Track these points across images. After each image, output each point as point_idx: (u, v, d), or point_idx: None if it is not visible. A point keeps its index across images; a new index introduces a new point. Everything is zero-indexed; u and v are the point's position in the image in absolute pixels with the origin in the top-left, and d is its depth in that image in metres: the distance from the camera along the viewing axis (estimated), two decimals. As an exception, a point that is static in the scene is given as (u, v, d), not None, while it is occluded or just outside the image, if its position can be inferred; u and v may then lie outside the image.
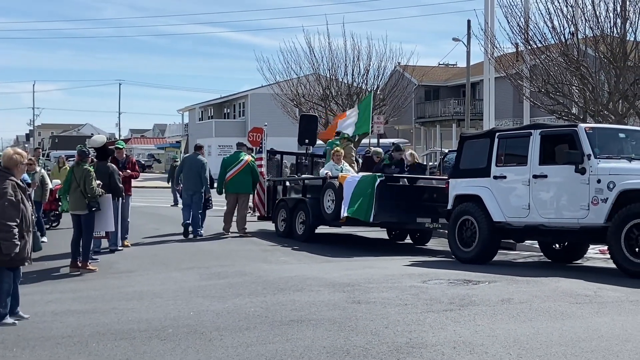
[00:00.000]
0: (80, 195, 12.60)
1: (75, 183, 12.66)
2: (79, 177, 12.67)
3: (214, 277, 11.65)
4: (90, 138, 18.76)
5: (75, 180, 12.69)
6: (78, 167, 12.88)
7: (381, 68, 33.83)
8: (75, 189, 12.67)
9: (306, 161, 21.62)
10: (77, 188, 12.63)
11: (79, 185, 12.61)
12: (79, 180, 12.63)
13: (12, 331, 7.95)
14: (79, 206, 12.65)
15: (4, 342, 7.53)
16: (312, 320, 8.21)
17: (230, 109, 65.27)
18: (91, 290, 10.69)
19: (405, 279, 10.83)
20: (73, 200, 12.76)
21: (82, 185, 12.55)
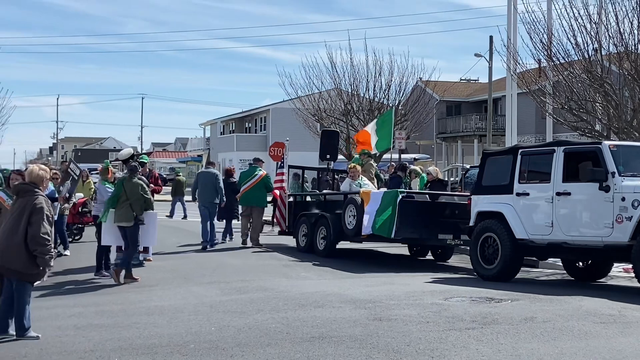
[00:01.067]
0: (128, 208, 12.89)
1: (125, 196, 12.93)
2: (129, 191, 12.95)
3: (235, 292, 11.65)
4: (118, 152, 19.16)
5: (125, 194, 12.94)
6: (129, 181, 13.13)
7: (403, 83, 33.82)
8: (123, 202, 12.94)
9: (327, 176, 21.64)
10: (125, 201, 12.93)
11: (127, 199, 12.91)
12: (129, 193, 12.91)
13: (35, 345, 7.98)
14: (126, 218, 12.93)
15: (27, 355, 7.56)
16: (334, 337, 8.18)
17: (252, 123, 65.48)
18: (113, 304, 10.72)
19: (426, 296, 10.77)
20: (120, 213, 12.97)
21: (134, 198, 12.88)
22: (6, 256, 8.28)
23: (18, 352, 7.73)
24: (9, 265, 8.30)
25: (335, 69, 33.35)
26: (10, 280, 8.41)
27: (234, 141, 61.34)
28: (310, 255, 16.65)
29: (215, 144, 68.47)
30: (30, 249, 8.19)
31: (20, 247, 8.20)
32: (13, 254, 8.24)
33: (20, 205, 8.37)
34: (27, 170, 9.03)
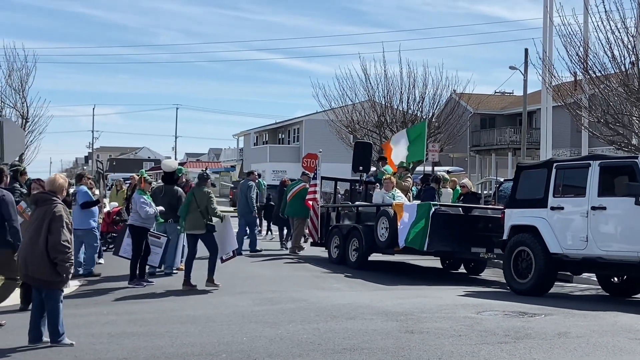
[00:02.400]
0: (199, 216, 13.24)
1: (195, 204, 13.27)
2: (199, 199, 13.28)
3: (267, 302, 11.68)
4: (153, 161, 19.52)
5: (195, 202, 13.27)
6: (199, 189, 13.52)
7: (437, 96, 33.73)
8: (194, 210, 13.28)
9: (360, 188, 21.62)
10: (196, 209, 13.28)
11: (198, 207, 13.26)
12: (199, 201, 13.24)
13: (69, 352, 8.07)
14: (197, 226, 13.30)
15: None
16: (365, 349, 8.17)
17: (285, 134, 65.72)
18: (146, 313, 10.81)
19: (459, 310, 10.71)
20: (191, 220, 13.33)
21: (203, 206, 13.23)
22: (30, 266, 8.39)
23: (52, 359, 7.82)
24: (33, 275, 8.40)
25: (369, 80, 33.42)
26: (37, 289, 8.54)
27: (267, 152, 61.61)
28: (342, 266, 16.64)
29: (249, 154, 68.80)
30: (50, 257, 8.25)
31: (42, 256, 8.28)
32: (36, 264, 8.32)
33: (39, 214, 8.44)
34: (48, 179, 9.07)
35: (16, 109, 21.49)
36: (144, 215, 13.75)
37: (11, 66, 21.30)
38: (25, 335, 8.49)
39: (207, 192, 13.52)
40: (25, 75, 21.34)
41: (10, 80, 21.27)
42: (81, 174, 16.23)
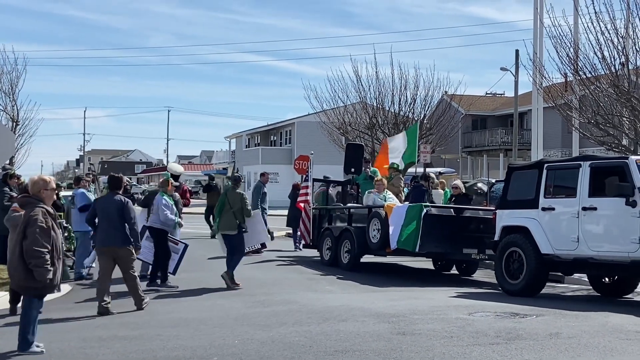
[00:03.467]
0: (232, 217, 13.73)
1: (228, 206, 13.78)
2: (232, 200, 13.81)
3: (259, 305, 11.67)
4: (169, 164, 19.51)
5: (228, 203, 13.77)
6: (232, 191, 14.04)
7: (428, 97, 33.69)
8: (227, 211, 13.77)
9: (352, 190, 21.61)
10: (229, 210, 13.77)
11: (231, 208, 13.76)
12: (232, 203, 13.75)
13: (60, 356, 8.03)
14: (231, 227, 13.78)
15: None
16: (357, 351, 8.17)
17: (277, 136, 65.69)
18: (138, 316, 10.78)
19: (451, 311, 10.72)
20: (225, 221, 13.81)
21: (237, 207, 13.75)
22: (10, 271, 8.40)
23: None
24: (12, 279, 8.41)
25: (360, 82, 33.36)
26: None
27: (259, 154, 61.55)
28: (335, 268, 16.64)
29: (241, 156, 68.74)
30: (26, 262, 8.05)
31: (18, 261, 8.12)
32: (13, 268, 8.26)
33: (23, 219, 8.32)
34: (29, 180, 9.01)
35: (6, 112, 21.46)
36: (163, 218, 13.77)
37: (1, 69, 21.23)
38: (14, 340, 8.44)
39: (240, 193, 14.03)
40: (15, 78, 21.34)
41: (0, 83, 21.16)
42: (79, 176, 16.31)
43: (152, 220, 14.04)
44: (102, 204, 11.48)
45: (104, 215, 11.24)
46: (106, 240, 11.19)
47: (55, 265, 8.18)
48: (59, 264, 8.28)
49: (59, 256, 8.31)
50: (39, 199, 8.30)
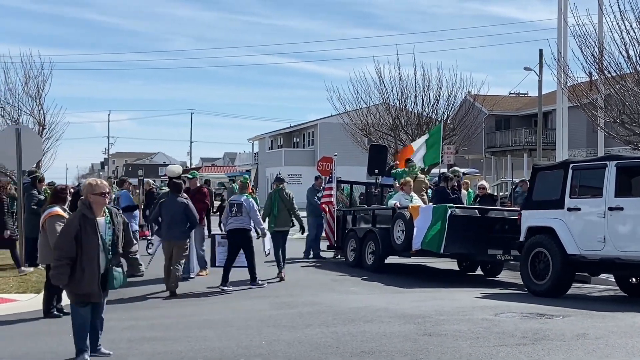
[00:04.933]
0: (287, 214, 15.31)
1: (282, 204, 15.24)
2: (285, 199, 15.29)
3: (284, 306, 11.72)
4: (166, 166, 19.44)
5: (282, 202, 15.21)
6: (283, 191, 15.38)
7: (451, 97, 33.62)
8: (282, 209, 15.24)
9: (376, 191, 21.64)
10: (284, 208, 15.27)
11: (285, 206, 15.26)
12: (286, 202, 15.27)
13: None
14: (287, 223, 15.38)
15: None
16: (383, 352, 8.19)
17: (300, 138, 65.78)
18: (165, 318, 10.87)
19: (476, 312, 10.71)
20: (282, 219, 15.28)
21: (290, 205, 15.31)
22: None
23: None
24: None
25: (383, 83, 33.34)
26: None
27: (282, 156, 61.68)
28: (359, 269, 16.66)
29: (264, 158, 68.89)
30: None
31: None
32: None
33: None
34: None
35: (33, 116, 21.63)
36: (257, 221, 14.23)
37: (27, 74, 21.42)
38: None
39: (289, 193, 15.50)
40: (41, 82, 21.50)
41: (27, 87, 21.42)
42: (123, 179, 16.77)
43: (237, 222, 14.09)
44: (167, 204, 13.58)
45: (168, 214, 13.43)
46: (168, 234, 13.44)
47: (86, 272, 7.69)
48: (90, 271, 7.72)
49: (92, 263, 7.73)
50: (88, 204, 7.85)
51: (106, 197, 7.91)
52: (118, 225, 8.02)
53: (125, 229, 8.19)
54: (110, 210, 8.05)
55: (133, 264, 8.35)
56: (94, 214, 7.79)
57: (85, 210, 7.80)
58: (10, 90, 21.49)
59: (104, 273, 7.89)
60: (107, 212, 7.97)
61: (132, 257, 8.31)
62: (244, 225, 14.08)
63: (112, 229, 7.93)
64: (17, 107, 21.53)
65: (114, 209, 8.14)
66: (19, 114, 21.51)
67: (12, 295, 12.97)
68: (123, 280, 8.12)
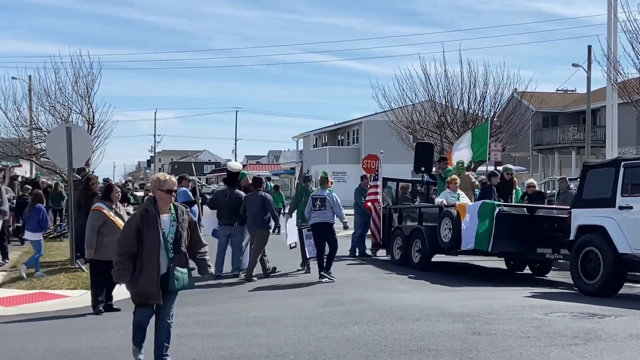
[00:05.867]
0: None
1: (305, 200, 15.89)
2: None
3: (332, 304, 11.71)
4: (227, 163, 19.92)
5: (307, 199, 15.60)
6: (308, 188, 16.20)
7: (498, 95, 33.28)
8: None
9: (422, 189, 21.52)
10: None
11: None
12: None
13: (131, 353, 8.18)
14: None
15: (133, 363, 7.78)
16: (432, 350, 8.14)
17: (344, 135, 65.76)
18: (213, 314, 10.94)
19: (526, 311, 10.59)
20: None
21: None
22: None
23: (123, 359, 7.97)
24: None
25: (429, 80, 33.13)
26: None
27: (326, 154, 61.74)
28: (405, 268, 16.59)
29: (308, 156, 69.03)
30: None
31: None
32: None
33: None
34: None
35: (82, 115, 21.88)
36: (341, 215, 14.87)
37: (77, 73, 21.68)
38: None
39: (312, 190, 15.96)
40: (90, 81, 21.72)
41: (77, 86, 21.67)
42: (182, 176, 17.34)
43: (321, 216, 14.78)
44: (250, 199, 15.08)
45: (252, 207, 14.92)
46: (252, 225, 14.97)
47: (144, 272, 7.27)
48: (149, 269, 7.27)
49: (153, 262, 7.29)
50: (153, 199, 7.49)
51: (172, 195, 7.48)
52: (183, 223, 7.49)
53: (192, 227, 7.64)
54: (176, 207, 7.57)
55: (201, 265, 7.66)
56: (158, 210, 7.38)
57: (148, 206, 7.43)
58: (61, 90, 21.76)
59: (166, 273, 7.36)
60: (173, 208, 7.50)
61: (200, 258, 7.65)
62: (327, 219, 14.80)
63: (176, 226, 7.43)
64: (67, 106, 21.81)
65: (181, 207, 7.65)
66: (68, 113, 21.78)
67: (63, 292, 13.20)
68: (188, 282, 7.49)
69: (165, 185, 7.45)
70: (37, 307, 11.93)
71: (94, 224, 11.02)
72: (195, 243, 7.65)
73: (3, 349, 8.62)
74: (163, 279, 7.31)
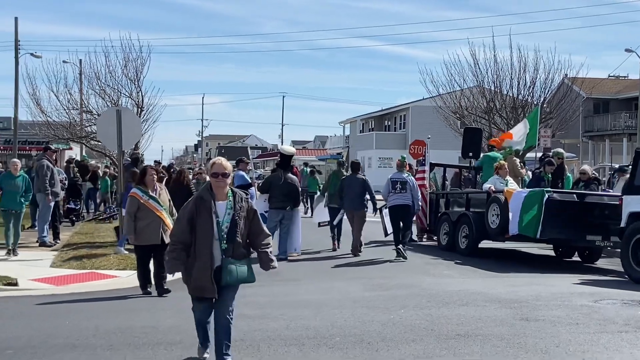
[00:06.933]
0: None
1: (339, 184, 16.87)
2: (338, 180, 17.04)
3: (378, 288, 11.71)
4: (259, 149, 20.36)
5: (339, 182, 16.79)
6: (340, 173, 17.51)
7: (548, 80, 32.76)
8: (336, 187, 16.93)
9: (469, 175, 21.36)
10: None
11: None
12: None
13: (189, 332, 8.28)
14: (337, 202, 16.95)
15: (182, 341, 7.88)
16: (479, 335, 8.10)
17: (391, 121, 65.48)
18: (260, 296, 10.98)
19: (575, 298, 10.47)
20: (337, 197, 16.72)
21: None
22: None
23: (173, 338, 8.08)
24: None
25: (477, 66, 32.76)
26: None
27: (373, 139, 61.56)
28: (452, 253, 16.50)
29: (355, 142, 68.91)
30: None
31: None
32: None
33: None
34: None
35: (132, 99, 22.06)
36: (417, 198, 15.96)
37: (127, 57, 21.85)
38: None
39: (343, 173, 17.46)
40: (140, 65, 21.86)
41: (126, 70, 21.83)
42: (241, 158, 17.97)
43: (403, 198, 15.54)
44: (348, 181, 16.36)
45: (350, 189, 16.06)
46: (350, 205, 16.11)
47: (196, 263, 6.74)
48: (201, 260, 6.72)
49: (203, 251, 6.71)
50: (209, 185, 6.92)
51: (220, 178, 6.76)
52: (240, 212, 6.78)
53: (252, 217, 6.89)
54: (235, 193, 6.87)
55: (262, 258, 6.94)
56: (213, 196, 6.77)
57: (203, 192, 6.85)
58: (111, 73, 21.91)
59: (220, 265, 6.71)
60: (231, 195, 6.83)
61: (261, 251, 6.93)
62: (406, 201, 15.57)
63: (232, 214, 6.74)
64: (117, 89, 22.01)
65: (240, 193, 6.93)
66: (118, 96, 21.95)
67: (112, 272, 13.41)
68: (246, 275, 6.78)
69: (212, 169, 6.90)
70: (87, 286, 12.14)
71: (129, 211, 11.14)
72: (255, 233, 6.92)
73: (55, 327, 8.79)
74: (218, 272, 6.68)
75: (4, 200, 15.40)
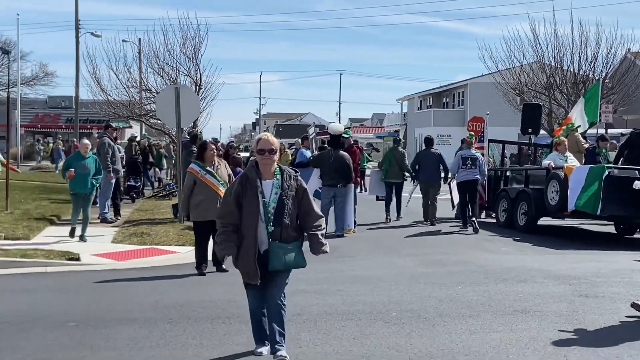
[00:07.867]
0: (398, 170, 18.20)
1: (394, 160, 18.15)
2: (398, 157, 18.20)
3: (435, 264, 11.69)
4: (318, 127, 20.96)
5: (394, 158, 18.15)
6: (396, 149, 18.50)
7: (610, 55, 32.12)
8: (394, 165, 18.14)
9: (529, 151, 21.11)
10: (396, 164, 18.13)
11: (397, 163, 18.11)
12: (398, 159, 18.16)
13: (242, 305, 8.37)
14: (397, 177, 18.28)
15: (241, 316, 7.98)
16: (537, 311, 8.06)
17: (449, 98, 64.87)
18: (317, 272, 11.01)
19: (636, 275, 10.32)
20: (394, 173, 18.19)
21: (401, 162, 18.13)
22: None
23: (231, 312, 8.19)
24: None
25: (537, 41, 32.27)
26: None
27: (431, 116, 61.10)
28: (510, 230, 16.37)
29: (412, 119, 68.51)
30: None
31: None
32: None
33: None
34: None
35: (190, 76, 22.28)
36: (484, 174, 17.05)
37: (185, 35, 22.04)
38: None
39: (403, 152, 18.49)
40: (198, 43, 22.03)
41: (184, 48, 22.03)
42: (305, 136, 19.28)
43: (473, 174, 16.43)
44: (423, 156, 18.14)
45: (426, 163, 17.83)
46: (428, 178, 17.80)
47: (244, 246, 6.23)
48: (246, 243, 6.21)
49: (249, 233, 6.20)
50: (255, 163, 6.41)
51: (267, 155, 6.23)
52: (289, 191, 6.24)
53: (302, 196, 6.32)
54: (283, 170, 6.33)
55: (313, 241, 6.37)
56: (259, 175, 6.27)
57: (249, 170, 6.35)
58: (169, 52, 22.14)
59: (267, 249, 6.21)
60: (279, 173, 6.31)
61: (312, 233, 6.34)
62: (475, 177, 16.48)
63: (279, 193, 6.22)
64: (175, 68, 22.24)
65: (289, 170, 6.40)
66: (177, 74, 22.18)
67: (172, 247, 13.63)
68: (294, 260, 6.32)
69: (258, 145, 6.32)
70: (147, 262, 12.37)
71: (186, 186, 11.30)
72: (305, 214, 6.35)
73: (115, 301, 9.00)
74: (265, 256, 6.21)
75: (74, 183, 14.51)
